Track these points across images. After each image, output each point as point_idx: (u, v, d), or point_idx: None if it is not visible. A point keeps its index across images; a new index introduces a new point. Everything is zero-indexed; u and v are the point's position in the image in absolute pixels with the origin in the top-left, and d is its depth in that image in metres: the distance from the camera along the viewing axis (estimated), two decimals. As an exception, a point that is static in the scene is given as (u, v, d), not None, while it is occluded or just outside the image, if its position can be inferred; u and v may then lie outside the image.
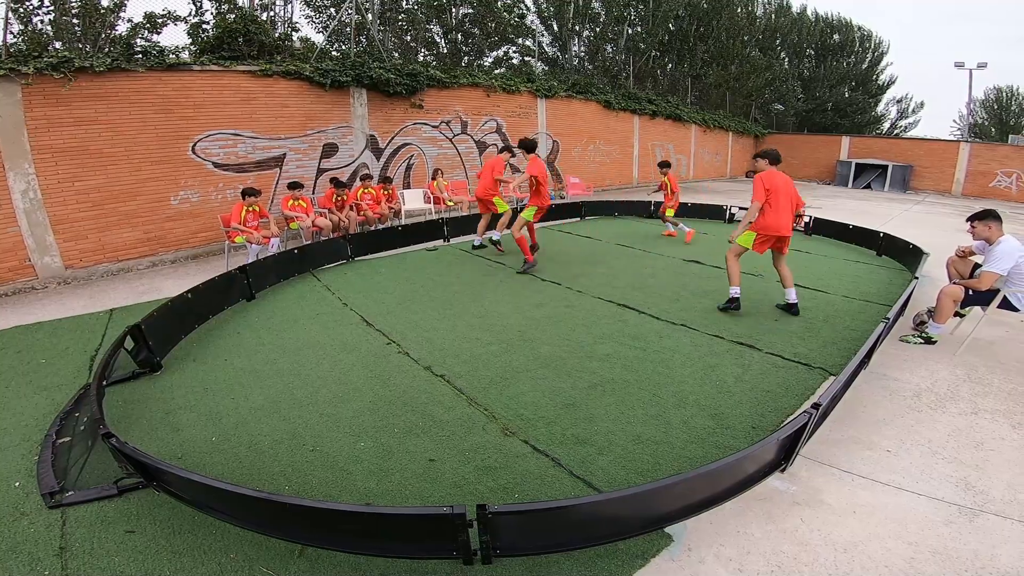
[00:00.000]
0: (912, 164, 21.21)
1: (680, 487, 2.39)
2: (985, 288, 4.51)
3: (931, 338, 4.80)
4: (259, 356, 4.58)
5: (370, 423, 3.50)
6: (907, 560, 2.34)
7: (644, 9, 18.61)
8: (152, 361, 4.27)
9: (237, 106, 8.44)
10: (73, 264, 7.14)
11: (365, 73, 9.85)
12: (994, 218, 4.56)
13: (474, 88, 12.30)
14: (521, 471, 2.99)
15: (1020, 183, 19.28)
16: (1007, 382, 4.08)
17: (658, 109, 18.27)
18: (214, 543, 2.49)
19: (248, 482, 2.89)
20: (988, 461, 3.07)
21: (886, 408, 3.69)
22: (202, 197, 8.23)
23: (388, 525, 2.32)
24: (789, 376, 4.13)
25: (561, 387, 3.96)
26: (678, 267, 7.50)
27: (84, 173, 7.08)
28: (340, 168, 9.98)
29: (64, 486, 2.87)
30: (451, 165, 12.19)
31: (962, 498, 2.76)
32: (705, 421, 3.49)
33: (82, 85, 6.87)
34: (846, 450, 3.20)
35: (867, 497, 2.78)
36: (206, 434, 3.41)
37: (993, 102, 31.44)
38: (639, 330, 5.08)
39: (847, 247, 9.13)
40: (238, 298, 5.91)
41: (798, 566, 2.33)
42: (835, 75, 27.50)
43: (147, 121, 7.53)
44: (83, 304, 6.13)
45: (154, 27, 8.22)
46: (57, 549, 2.47)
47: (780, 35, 25.82)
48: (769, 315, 5.47)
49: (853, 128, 27.70)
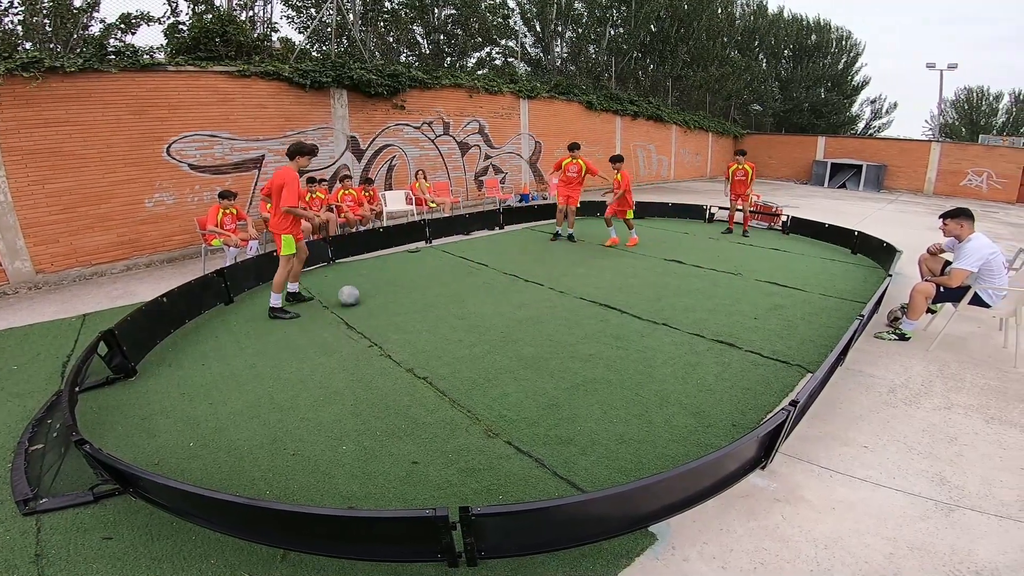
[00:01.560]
0: (886, 164, 21.67)
1: (663, 486, 2.41)
2: (956, 285, 4.62)
3: (905, 335, 4.90)
4: (238, 360, 4.51)
5: (352, 426, 3.46)
6: (886, 556, 2.38)
7: (626, 10, 18.75)
8: (126, 367, 4.18)
9: (214, 107, 8.31)
10: (44, 269, 6.96)
11: (346, 74, 9.77)
12: (965, 216, 4.67)
13: (456, 89, 12.27)
14: (505, 472, 2.98)
15: (990, 182, 19.80)
16: (979, 377, 4.19)
17: (640, 110, 18.41)
18: (194, 549, 2.44)
19: (228, 487, 2.84)
20: (962, 456, 3.14)
21: (862, 404, 3.76)
22: (178, 199, 8.09)
23: (371, 529, 2.31)
24: (768, 373, 4.19)
25: (544, 388, 3.97)
26: (659, 267, 7.56)
27: (55, 175, 6.91)
28: (321, 170, 9.87)
29: (38, 493, 2.81)
30: (433, 166, 12.14)
31: (938, 493, 2.81)
32: (687, 419, 3.52)
33: (53, 86, 6.71)
34: (824, 446, 3.25)
35: (845, 493, 2.82)
36: (184, 440, 3.35)
37: (963, 102, 32.27)
38: (621, 330, 5.11)
39: (823, 245, 9.29)
40: (216, 302, 5.82)
41: (780, 563, 2.36)
42: (811, 76, 27.97)
43: (121, 122, 7.38)
44: (55, 309, 5.98)
45: (128, 27, 8.07)
46: (33, 556, 2.41)
47: (758, 36, 26.21)
48: (748, 313, 5.55)
49: (829, 128, 28.20)
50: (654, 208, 12.26)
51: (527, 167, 14.66)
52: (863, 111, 31.54)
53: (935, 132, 27.10)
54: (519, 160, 14.39)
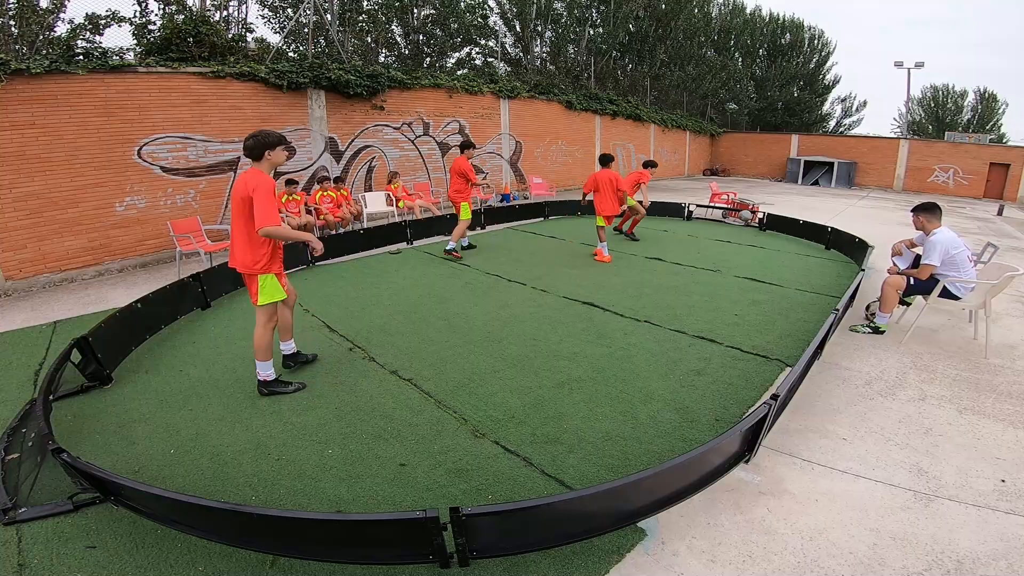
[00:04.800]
0: (856, 161, 22.20)
1: (650, 482, 2.43)
2: (924, 277, 4.76)
3: (879, 328, 5.03)
4: (217, 366, 4.43)
5: (337, 430, 3.43)
6: (870, 546, 2.44)
7: (605, 10, 18.89)
8: (102, 374, 4.07)
9: (187, 109, 8.13)
10: (12, 275, 6.74)
11: (324, 75, 9.65)
12: (928, 211, 4.81)
13: (436, 89, 12.21)
14: (493, 472, 2.98)
15: (957, 178, 20.41)
16: (951, 368, 4.31)
17: (619, 109, 18.56)
18: (180, 556, 2.40)
19: (212, 494, 2.80)
20: (938, 446, 3.23)
21: (839, 397, 3.85)
22: (150, 203, 7.90)
23: (361, 532, 2.29)
24: (748, 368, 4.26)
25: (529, 387, 3.97)
26: (641, 264, 7.63)
27: (21, 180, 6.69)
28: (298, 171, 9.74)
29: (17, 502, 2.74)
30: (413, 167, 12.07)
31: (916, 483, 2.89)
32: (671, 415, 3.56)
33: (17, 88, 6.50)
34: (805, 439, 3.32)
35: (828, 485, 2.88)
36: (163, 446, 3.28)
37: (930, 100, 33.23)
38: (604, 328, 5.14)
39: (798, 241, 9.49)
40: (192, 307, 5.71)
41: (768, 555, 2.40)
42: (785, 74, 28.53)
43: (89, 125, 7.18)
44: (24, 317, 5.80)
45: (96, 28, 7.86)
46: (16, 566, 2.36)
47: (734, 35, 26.63)
48: (728, 310, 5.63)
49: (802, 127, 28.82)
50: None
51: (508, 167, 14.67)
52: (834, 109, 32.34)
53: (903, 130, 27.85)
54: (500, 160, 14.39)
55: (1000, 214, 14.71)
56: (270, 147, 3.58)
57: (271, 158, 3.61)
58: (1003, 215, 14.64)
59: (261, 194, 3.41)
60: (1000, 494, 2.78)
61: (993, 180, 19.74)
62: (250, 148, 3.56)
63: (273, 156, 3.61)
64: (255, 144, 3.55)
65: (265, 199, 3.41)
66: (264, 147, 3.56)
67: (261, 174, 3.53)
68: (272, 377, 3.89)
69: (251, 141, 3.56)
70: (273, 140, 3.60)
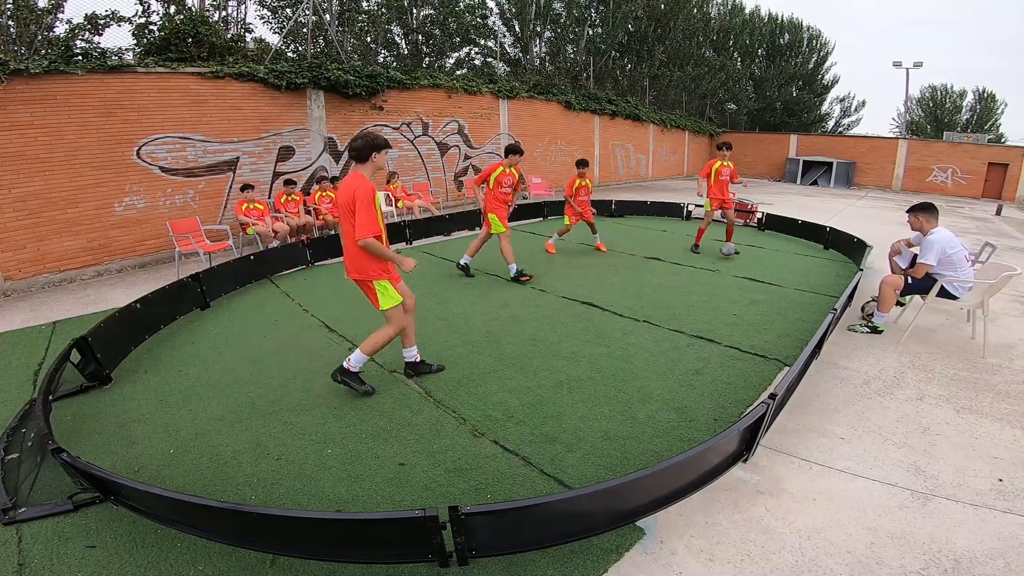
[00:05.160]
0: (855, 161, 22.21)
1: (649, 481, 2.44)
2: (920, 276, 4.77)
3: (877, 327, 5.04)
4: (216, 366, 4.43)
5: (336, 429, 3.44)
6: (867, 545, 2.45)
7: (604, 10, 18.90)
8: (101, 374, 4.08)
9: (186, 109, 8.13)
10: (12, 276, 6.75)
11: (323, 75, 9.66)
12: (924, 210, 4.83)
13: (435, 89, 12.21)
14: (492, 471, 2.99)
15: (955, 178, 20.43)
16: (948, 368, 4.32)
17: (618, 109, 18.56)
18: (180, 556, 2.40)
19: (212, 493, 2.80)
20: (935, 446, 3.24)
21: (837, 396, 3.86)
22: (149, 203, 7.90)
23: (360, 531, 2.30)
24: (747, 368, 4.27)
25: (528, 386, 3.98)
26: (639, 264, 7.65)
27: (20, 180, 6.69)
28: (297, 171, 9.75)
29: (16, 502, 2.75)
30: (412, 167, 12.08)
31: (914, 483, 2.89)
32: (669, 415, 3.57)
33: (17, 88, 6.50)
34: (803, 438, 3.32)
35: (825, 484, 2.89)
36: (163, 446, 3.28)
37: (928, 100, 33.24)
38: (603, 327, 5.15)
39: (797, 241, 9.51)
40: (191, 307, 5.71)
41: (766, 554, 2.41)
42: (784, 74, 28.53)
43: (88, 125, 7.18)
44: (24, 317, 5.81)
45: (95, 28, 7.87)
46: (16, 565, 2.37)
47: (733, 35, 26.63)
48: (727, 310, 5.64)
49: (801, 127, 28.80)
50: (633, 206, 12.43)
51: (506, 167, 14.65)
52: (833, 109, 32.32)
53: (902, 129, 27.87)
54: (499, 160, 14.36)
55: (998, 214, 14.73)
56: (377, 149, 3.54)
57: (376, 160, 3.57)
58: (1001, 215, 14.66)
59: (362, 202, 3.39)
60: (997, 493, 2.79)
61: (991, 180, 19.76)
62: (358, 150, 3.52)
63: (378, 159, 3.58)
64: (364, 145, 3.51)
65: (366, 208, 3.39)
66: (372, 148, 3.52)
67: (363, 179, 3.49)
68: (357, 369, 3.80)
69: (360, 142, 3.52)
70: (381, 142, 3.57)
